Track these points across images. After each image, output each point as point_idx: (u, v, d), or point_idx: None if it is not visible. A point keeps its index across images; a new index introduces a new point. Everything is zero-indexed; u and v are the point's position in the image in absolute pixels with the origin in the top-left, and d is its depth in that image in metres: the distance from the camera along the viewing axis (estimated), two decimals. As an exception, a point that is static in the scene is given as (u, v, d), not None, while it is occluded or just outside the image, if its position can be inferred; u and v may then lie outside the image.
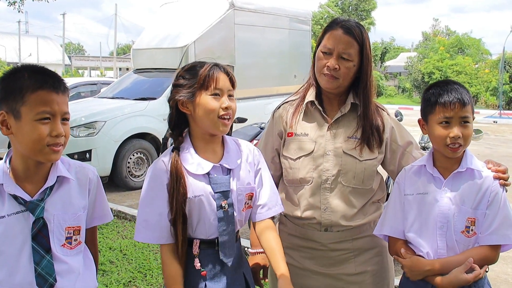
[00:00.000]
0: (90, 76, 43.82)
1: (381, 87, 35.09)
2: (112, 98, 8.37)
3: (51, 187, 1.56)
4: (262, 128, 6.54)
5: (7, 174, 1.52)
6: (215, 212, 1.72)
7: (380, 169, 2.06)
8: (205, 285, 1.74)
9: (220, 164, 1.76)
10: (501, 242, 1.74)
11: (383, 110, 2.04)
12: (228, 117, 1.73)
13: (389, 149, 2.00)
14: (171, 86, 1.80)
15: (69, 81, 12.68)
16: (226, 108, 1.71)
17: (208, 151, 1.77)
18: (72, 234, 1.59)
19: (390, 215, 1.91)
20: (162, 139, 1.79)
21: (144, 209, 1.73)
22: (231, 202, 1.75)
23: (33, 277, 1.50)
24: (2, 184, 1.50)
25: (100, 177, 1.81)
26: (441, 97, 1.77)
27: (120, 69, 49.89)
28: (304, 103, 2.01)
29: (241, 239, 1.96)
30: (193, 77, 1.72)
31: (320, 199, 1.93)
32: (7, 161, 1.56)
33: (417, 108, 1.85)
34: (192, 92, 1.71)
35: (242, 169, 1.81)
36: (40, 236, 1.51)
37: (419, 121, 1.89)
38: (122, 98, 8.16)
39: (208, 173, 1.73)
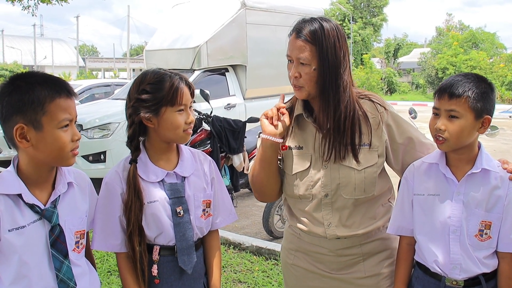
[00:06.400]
0: (104, 77, 44.16)
1: (395, 83, 34.86)
2: (126, 99, 8.40)
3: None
4: (275, 127, 6.50)
5: (22, 184, 1.50)
6: (171, 218, 1.76)
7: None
8: None
9: (174, 172, 1.81)
10: None
11: (380, 105, 1.88)
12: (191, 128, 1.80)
13: (390, 149, 1.89)
14: (130, 99, 1.78)
15: (83, 83, 12.82)
16: (190, 123, 1.78)
17: (163, 160, 1.82)
18: (79, 238, 1.63)
19: (396, 214, 1.89)
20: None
21: (100, 218, 1.76)
22: (187, 208, 1.79)
23: (55, 283, 1.52)
24: (20, 194, 1.49)
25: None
26: (440, 86, 1.74)
27: (133, 70, 50.19)
28: (294, 116, 1.91)
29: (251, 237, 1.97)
30: (158, 91, 1.72)
31: (323, 214, 1.86)
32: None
33: (431, 104, 1.75)
34: (157, 108, 1.72)
35: (197, 176, 1.86)
36: (58, 242, 1.54)
37: None
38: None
39: (162, 180, 1.78)
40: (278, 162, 1.93)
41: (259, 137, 1.91)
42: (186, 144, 1.92)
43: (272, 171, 1.91)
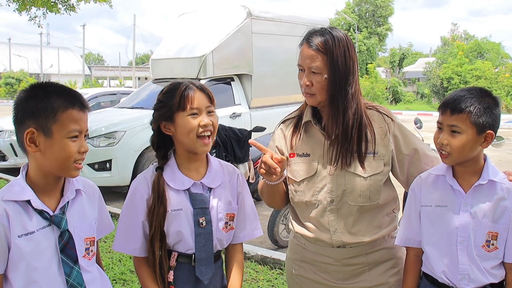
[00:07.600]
0: (110, 86, 44.40)
1: (400, 93, 34.86)
2: (132, 108, 8.45)
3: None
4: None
5: (31, 190, 1.54)
6: (193, 228, 1.78)
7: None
8: None
9: (201, 182, 1.83)
10: None
11: (388, 116, 1.93)
12: (209, 133, 1.78)
13: (396, 159, 1.92)
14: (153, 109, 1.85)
15: (89, 91, 12.84)
16: (205, 125, 1.76)
17: (191, 170, 1.85)
18: (89, 245, 1.65)
19: (404, 226, 1.90)
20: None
21: (124, 221, 1.81)
22: (209, 219, 1.81)
23: None
24: (29, 200, 1.52)
25: (120, 186, 1.87)
26: (443, 101, 1.76)
27: (139, 78, 50.47)
28: (302, 123, 1.96)
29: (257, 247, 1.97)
30: (170, 99, 1.77)
31: (328, 220, 1.88)
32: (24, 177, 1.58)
33: (436, 114, 1.78)
34: (170, 114, 1.76)
35: (224, 188, 1.88)
36: (67, 248, 1.57)
37: None
38: (142, 108, 8.21)
39: (188, 190, 1.80)
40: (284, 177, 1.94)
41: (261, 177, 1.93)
42: None
43: (279, 192, 1.99)
